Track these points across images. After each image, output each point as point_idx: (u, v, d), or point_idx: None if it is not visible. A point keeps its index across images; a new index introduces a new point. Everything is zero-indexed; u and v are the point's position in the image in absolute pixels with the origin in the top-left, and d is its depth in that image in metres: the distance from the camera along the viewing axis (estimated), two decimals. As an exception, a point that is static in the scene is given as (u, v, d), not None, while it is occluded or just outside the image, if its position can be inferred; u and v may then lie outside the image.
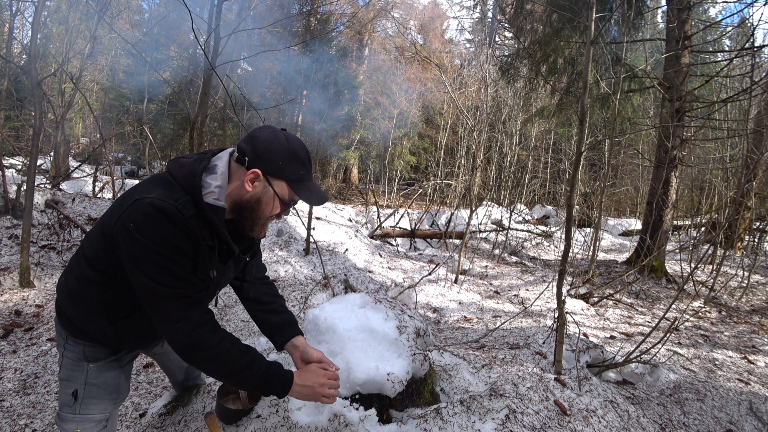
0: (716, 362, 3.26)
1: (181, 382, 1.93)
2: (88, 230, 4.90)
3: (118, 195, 8.04)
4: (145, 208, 1.03)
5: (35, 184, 4.58)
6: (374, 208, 9.16)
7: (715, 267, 6.09)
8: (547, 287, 4.75)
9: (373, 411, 1.70)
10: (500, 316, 4.22)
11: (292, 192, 1.18)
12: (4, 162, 5.72)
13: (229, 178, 1.16)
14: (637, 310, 4.69)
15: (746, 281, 5.57)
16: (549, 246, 8.56)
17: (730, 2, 6.40)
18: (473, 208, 6.93)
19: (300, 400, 1.66)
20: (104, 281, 1.18)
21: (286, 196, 1.18)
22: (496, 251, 7.40)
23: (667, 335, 2.82)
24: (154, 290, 1.06)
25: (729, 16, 22.27)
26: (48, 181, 7.29)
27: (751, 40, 6.10)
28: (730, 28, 10.02)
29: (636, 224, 10.77)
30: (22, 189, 5.24)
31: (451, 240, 7.84)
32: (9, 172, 6.68)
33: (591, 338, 3.55)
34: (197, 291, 1.14)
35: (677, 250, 7.18)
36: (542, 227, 10.29)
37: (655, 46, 9.74)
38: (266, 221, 1.21)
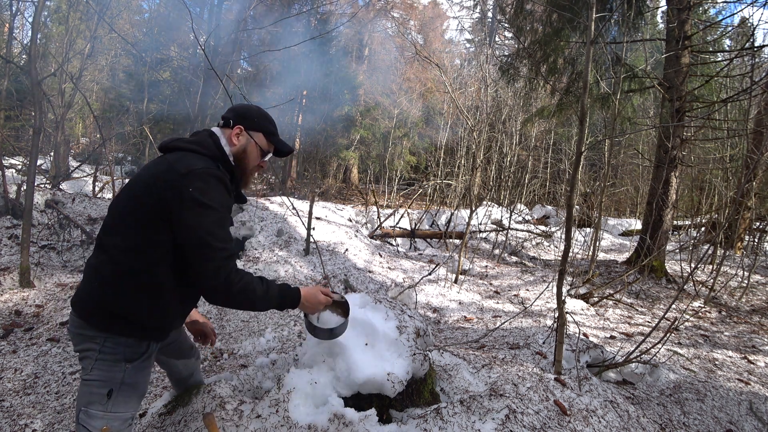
0: (716, 362, 3.26)
1: (184, 378, 1.93)
2: (88, 230, 4.90)
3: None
4: (201, 175, 1.24)
5: (35, 184, 4.58)
6: (374, 208, 9.16)
7: (715, 267, 6.09)
8: (547, 287, 4.74)
9: (373, 411, 1.70)
10: (500, 316, 4.22)
11: (268, 143, 1.50)
12: (4, 162, 5.72)
13: None
14: (637, 310, 4.69)
15: (746, 281, 5.57)
16: (549, 246, 8.56)
17: (730, 2, 6.40)
18: (473, 208, 6.93)
19: (302, 392, 1.74)
20: (152, 262, 1.28)
21: (265, 146, 1.49)
22: (496, 251, 7.39)
23: (667, 335, 2.82)
24: (207, 244, 1.23)
25: (729, 16, 22.28)
26: (48, 181, 7.29)
27: (751, 40, 6.10)
28: (730, 28, 10.01)
29: (636, 224, 10.77)
30: (22, 189, 5.24)
31: (451, 240, 7.83)
32: (9, 172, 6.68)
33: (591, 338, 3.55)
34: (232, 244, 1.35)
35: (677, 250, 7.17)
36: (542, 227, 10.29)
37: (655, 46, 9.74)
38: (251, 173, 1.50)
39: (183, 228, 1.23)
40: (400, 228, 7.93)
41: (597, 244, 5.43)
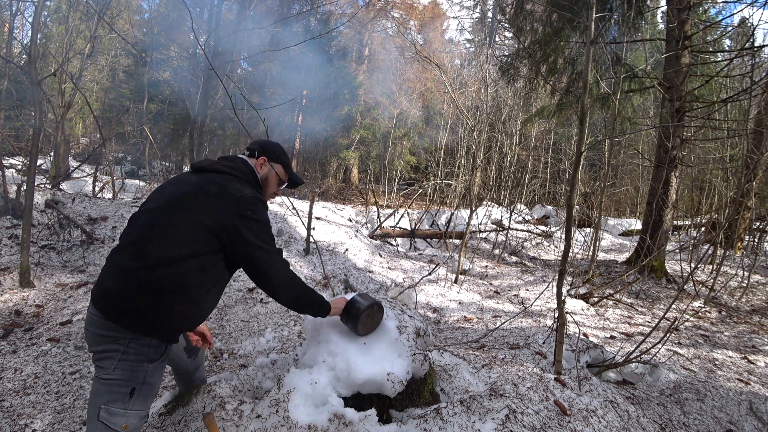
0: (716, 362, 3.26)
1: (190, 373, 1.94)
2: (88, 230, 4.89)
3: (118, 195, 8.04)
4: (253, 200, 1.46)
5: (35, 184, 4.58)
6: (374, 208, 9.16)
7: (715, 267, 6.09)
8: (547, 287, 4.74)
9: (373, 411, 1.70)
10: (500, 316, 4.22)
11: (285, 173, 1.75)
12: (4, 162, 5.72)
13: None
14: (637, 310, 4.69)
15: (746, 281, 5.57)
16: (549, 246, 8.56)
17: (730, 2, 6.40)
18: (473, 208, 6.93)
19: (302, 392, 1.77)
20: (192, 271, 1.40)
21: (283, 176, 1.74)
22: (496, 251, 7.39)
23: (667, 335, 2.82)
24: (269, 251, 1.47)
25: (729, 16, 22.28)
26: (48, 181, 7.29)
27: (751, 40, 6.09)
28: (730, 28, 10.01)
29: (636, 224, 10.77)
30: (22, 189, 5.24)
31: (451, 240, 7.83)
32: (9, 172, 6.69)
33: (591, 338, 3.55)
34: None
35: (677, 250, 7.17)
36: (542, 227, 10.29)
37: (655, 46, 9.74)
38: (268, 198, 1.74)
39: (245, 242, 1.42)
40: (400, 228, 7.93)
41: (597, 244, 5.43)
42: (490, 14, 23.57)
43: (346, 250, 5.66)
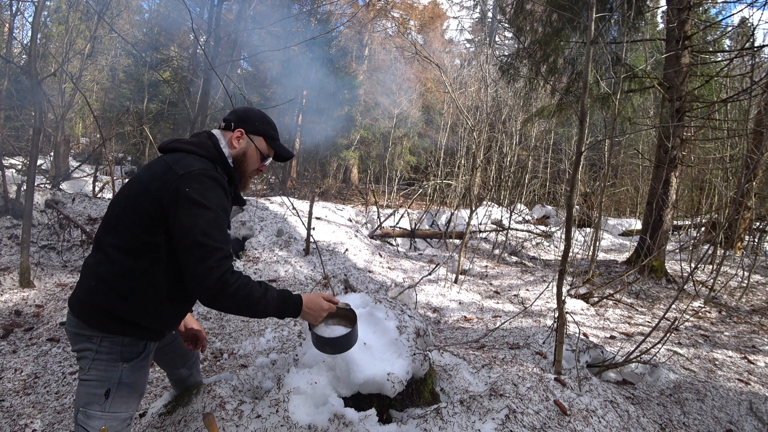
0: (716, 362, 3.26)
1: (184, 379, 1.92)
2: (88, 230, 4.90)
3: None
4: (198, 176, 1.23)
5: (35, 184, 4.58)
6: (374, 208, 9.16)
7: (715, 267, 6.09)
8: (547, 287, 4.74)
9: (373, 411, 1.70)
10: (500, 316, 4.22)
11: (268, 147, 1.49)
12: (4, 162, 5.72)
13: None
14: (637, 310, 4.69)
15: (746, 281, 5.57)
16: (549, 246, 8.56)
17: (730, 2, 6.40)
18: (473, 208, 6.93)
19: (302, 395, 1.73)
20: (148, 263, 1.27)
21: (265, 150, 1.48)
22: (496, 251, 7.39)
23: (667, 335, 2.82)
24: (202, 244, 1.17)
25: (729, 16, 22.29)
26: (48, 181, 7.29)
27: (751, 40, 6.09)
28: (730, 28, 10.02)
29: (636, 224, 10.77)
30: (22, 189, 5.25)
31: (451, 240, 7.83)
32: (9, 172, 6.69)
33: (591, 338, 3.55)
34: (229, 245, 1.27)
35: (677, 250, 7.17)
36: (542, 227, 10.29)
37: (655, 46, 9.74)
38: (250, 176, 1.49)
39: (178, 228, 1.19)
40: (400, 228, 7.93)
41: (597, 244, 5.42)
42: (490, 14, 23.58)
43: (346, 250, 5.65)
